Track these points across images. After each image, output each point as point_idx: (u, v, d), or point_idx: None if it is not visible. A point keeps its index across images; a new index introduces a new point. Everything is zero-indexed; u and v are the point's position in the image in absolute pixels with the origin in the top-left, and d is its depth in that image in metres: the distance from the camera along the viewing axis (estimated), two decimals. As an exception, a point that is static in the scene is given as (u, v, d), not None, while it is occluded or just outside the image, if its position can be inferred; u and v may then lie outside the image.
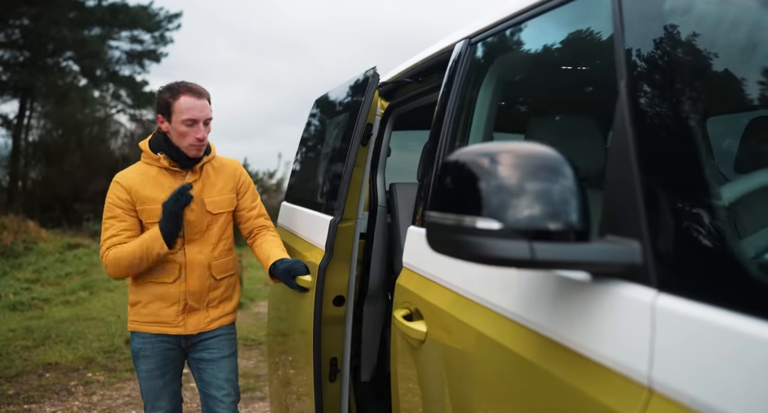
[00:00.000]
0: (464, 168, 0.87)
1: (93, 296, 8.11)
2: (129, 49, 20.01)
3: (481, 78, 1.61)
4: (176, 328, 2.21)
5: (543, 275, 0.98)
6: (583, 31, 1.29)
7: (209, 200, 2.24)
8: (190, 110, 2.11)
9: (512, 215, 0.80)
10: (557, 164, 0.82)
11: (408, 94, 2.34)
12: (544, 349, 0.94)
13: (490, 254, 0.82)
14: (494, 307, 1.13)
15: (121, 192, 2.15)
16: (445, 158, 0.91)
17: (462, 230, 0.85)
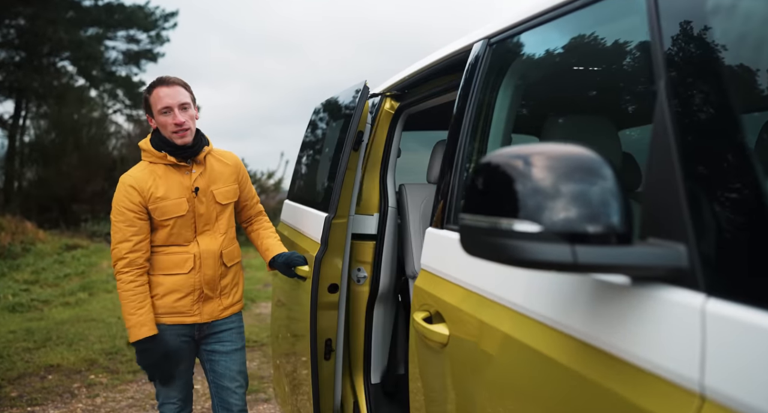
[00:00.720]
0: (500, 170, 0.86)
1: (92, 297, 8.07)
2: (125, 49, 19.92)
3: (500, 79, 1.59)
4: (192, 317, 2.27)
5: (578, 279, 0.97)
6: (612, 31, 1.28)
7: (218, 191, 2.31)
8: (162, 99, 2.17)
9: (552, 218, 0.79)
10: (596, 165, 0.81)
11: (419, 95, 2.33)
12: (581, 354, 0.93)
13: (530, 257, 0.80)
14: (524, 310, 1.12)
15: (133, 195, 2.16)
16: (480, 160, 0.90)
17: (499, 233, 0.84)
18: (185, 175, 2.25)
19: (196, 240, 2.26)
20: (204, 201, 2.26)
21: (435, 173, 2.60)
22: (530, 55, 1.54)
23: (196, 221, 2.26)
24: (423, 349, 1.55)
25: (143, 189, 2.17)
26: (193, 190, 2.24)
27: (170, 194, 2.20)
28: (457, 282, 1.42)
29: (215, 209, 2.30)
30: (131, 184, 2.18)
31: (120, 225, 2.16)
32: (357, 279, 2.54)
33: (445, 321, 1.44)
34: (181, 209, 2.21)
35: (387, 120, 2.55)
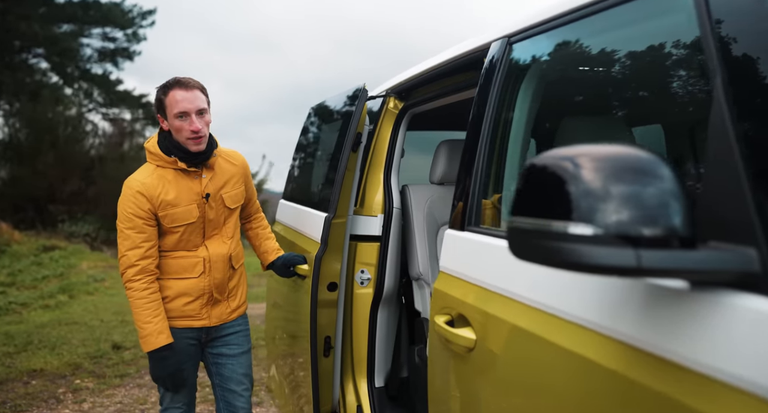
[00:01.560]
0: (553, 172, 0.83)
1: (73, 299, 7.90)
2: (101, 46, 19.56)
3: (521, 79, 1.58)
4: (201, 321, 2.23)
5: (627, 283, 0.95)
6: (642, 32, 1.27)
7: (227, 194, 2.26)
8: (180, 103, 2.08)
9: (612, 221, 0.77)
10: (655, 165, 0.79)
11: (427, 94, 2.30)
12: (634, 359, 0.91)
13: (590, 261, 0.78)
14: (565, 315, 1.10)
15: (142, 202, 2.08)
16: (532, 161, 0.87)
17: (553, 236, 0.82)
18: (195, 180, 2.18)
19: (204, 245, 2.22)
20: (214, 206, 2.21)
21: (439, 173, 2.58)
22: (554, 55, 1.53)
23: (205, 227, 2.21)
24: (445, 353, 1.52)
25: (152, 196, 2.09)
26: (203, 196, 2.18)
27: (181, 201, 2.13)
28: (483, 285, 1.40)
29: (224, 213, 2.26)
30: (139, 190, 2.09)
31: (128, 232, 2.09)
32: (360, 281, 2.51)
33: (470, 324, 1.42)
34: (191, 216, 2.15)
35: (391, 120, 2.52)
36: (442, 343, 1.54)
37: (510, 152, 1.57)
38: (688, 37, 1.10)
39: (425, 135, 3.26)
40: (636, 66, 1.37)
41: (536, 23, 1.51)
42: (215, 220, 2.23)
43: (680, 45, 1.17)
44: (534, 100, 1.57)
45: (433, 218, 2.56)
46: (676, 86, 1.30)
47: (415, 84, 2.32)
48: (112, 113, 19.38)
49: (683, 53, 1.18)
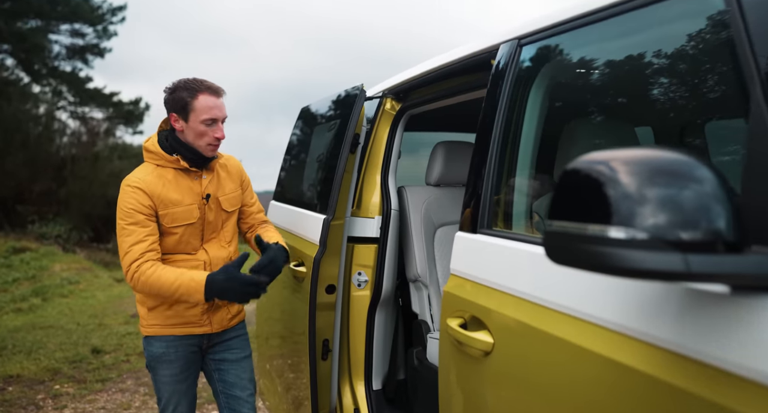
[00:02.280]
0: (594, 175, 0.83)
1: (46, 302, 7.72)
2: (70, 43, 19.13)
3: (532, 81, 1.58)
4: (202, 327, 2.17)
5: (663, 287, 0.96)
6: (659, 36, 1.28)
7: (224, 198, 2.23)
8: (212, 109, 2.05)
9: (659, 225, 0.77)
10: (698, 169, 0.79)
11: (425, 96, 2.29)
12: (678, 366, 0.91)
13: (637, 266, 0.78)
14: (594, 319, 1.10)
15: (143, 198, 2.03)
16: (570, 166, 0.87)
17: (598, 241, 0.81)
18: (195, 181, 2.14)
19: (203, 248, 2.17)
20: (213, 208, 2.18)
21: (436, 175, 2.58)
22: (565, 58, 1.53)
23: (204, 229, 2.16)
24: (458, 357, 1.52)
25: (153, 193, 2.04)
26: (204, 197, 2.14)
27: (181, 201, 2.09)
28: (501, 288, 1.39)
29: (221, 216, 2.22)
30: (139, 186, 2.04)
31: (131, 228, 2.01)
32: (358, 283, 2.49)
33: (487, 328, 1.41)
34: (192, 217, 2.11)
35: (387, 121, 2.51)
36: (454, 346, 1.53)
37: (522, 154, 1.57)
38: (708, 41, 1.11)
39: (412, 136, 3.25)
40: (649, 70, 1.38)
41: (549, 26, 1.51)
42: (214, 222, 2.19)
43: (697, 48, 1.19)
44: (546, 101, 1.58)
45: (430, 219, 2.55)
46: (691, 89, 1.31)
47: (415, 85, 2.31)
48: (81, 112, 18.97)
49: (699, 57, 1.19)
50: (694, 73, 1.31)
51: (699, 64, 1.23)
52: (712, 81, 1.32)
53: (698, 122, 1.62)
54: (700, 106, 1.37)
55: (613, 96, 1.53)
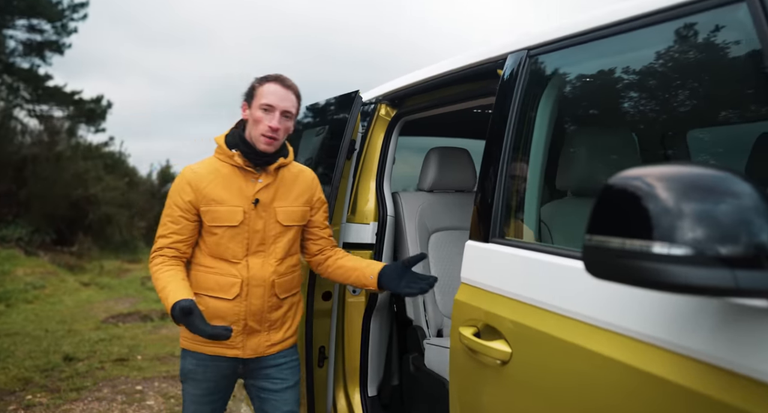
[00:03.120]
0: (637, 191, 0.85)
1: (10, 309, 7.47)
2: (27, 38, 18.52)
3: (541, 92, 1.60)
4: (234, 350, 2.01)
5: (698, 301, 0.98)
6: (671, 52, 1.31)
7: (282, 209, 2.05)
8: (270, 95, 1.96)
9: (705, 241, 0.78)
10: (737, 183, 0.81)
11: (423, 103, 2.30)
12: (715, 378, 0.93)
13: (686, 282, 0.79)
14: (623, 330, 1.11)
15: (186, 192, 1.97)
16: (611, 180, 0.88)
17: (641, 256, 0.83)
18: (249, 182, 2.00)
19: (246, 261, 2.00)
20: (263, 217, 2.01)
21: (430, 180, 2.59)
22: (577, 70, 1.56)
23: (249, 238, 1.99)
24: (473, 365, 1.53)
25: (198, 188, 1.97)
26: (252, 201, 1.99)
27: (226, 200, 1.97)
28: (518, 298, 1.41)
29: (275, 228, 2.03)
30: (188, 180, 1.98)
31: (165, 219, 2.00)
32: (353, 290, 2.49)
33: (503, 337, 1.43)
34: (234, 219, 1.97)
35: (382, 127, 2.51)
36: (467, 355, 1.54)
37: (533, 164, 1.59)
38: (720, 55, 1.15)
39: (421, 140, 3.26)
40: (658, 82, 1.42)
41: (559, 38, 1.53)
42: (263, 233, 2.01)
43: (708, 63, 1.22)
44: (557, 112, 1.60)
45: (424, 225, 2.56)
46: (704, 101, 1.35)
47: (412, 92, 2.31)
48: (40, 110, 18.39)
49: (707, 71, 1.23)
50: (704, 85, 1.35)
51: (708, 77, 1.27)
52: (722, 93, 1.36)
53: (706, 132, 1.67)
54: (708, 117, 1.42)
55: (620, 108, 1.56)
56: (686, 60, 1.33)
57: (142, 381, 4.62)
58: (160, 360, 5.18)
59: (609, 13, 1.39)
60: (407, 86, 2.32)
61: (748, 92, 1.28)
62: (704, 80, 1.37)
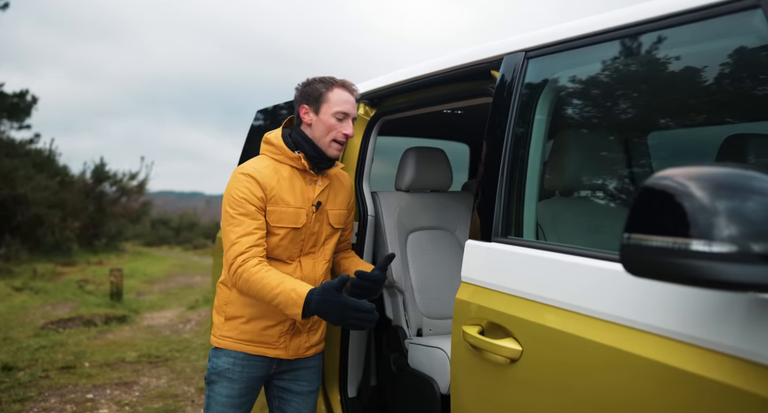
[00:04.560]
0: (679, 190, 0.87)
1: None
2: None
3: (539, 93, 1.63)
4: (276, 350, 2.01)
5: (728, 296, 1.02)
6: (668, 56, 1.36)
7: (333, 212, 2.09)
8: (344, 103, 1.98)
9: (740, 237, 0.82)
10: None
11: (405, 103, 2.30)
12: (746, 371, 0.97)
13: (725, 278, 0.83)
14: (643, 326, 1.15)
15: (255, 188, 1.90)
16: (650, 180, 0.91)
17: (680, 254, 0.86)
18: (309, 185, 2.02)
19: (299, 261, 2.02)
20: (320, 219, 2.04)
21: (407, 180, 2.59)
22: (575, 73, 1.60)
23: (305, 240, 2.01)
24: (479, 364, 1.53)
25: (266, 185, 1.92)
26: (314, 203, 2.01)
27: (292, 201, 1.96)
28: (527, 296, 1.42)
29: (326, 230, 2.07)
30: (253, 176, 1.91)
31: (241, 218, 1.88)
32: None
33: (512, 335, 1.44)
34: (299, 221, 1.97)
35: (361, 127, 2.50)
36: (471, 353, 1.55)
37: (532, 164, 1.61)
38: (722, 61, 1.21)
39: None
40: (669, 85, 1.47)
41: (558, 40, 1.56)
42: (317, 235, 2.04)
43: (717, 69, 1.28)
44: (556, 112, 1.64)
45: (403, 225, 2.56)
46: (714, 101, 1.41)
47: (394, 92, 2.31)
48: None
49: (712, 76, 1.28)
50: (701, 89, 1.41)
51: (706, 82, 1.33)
52: (722, 98, 1.43)
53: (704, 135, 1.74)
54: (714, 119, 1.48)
55: (620, 109, 1.61)
56: (685, 65, 1.39)
57: (92, 388, 4.42)
58: (110, 367, 4.97)
59: (611, 18, 1.44)
60: (389, 86, 2.31)
61: (748, 96, 1.35)
62: (700, 85, 1.43)
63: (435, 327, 2.50)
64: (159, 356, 5.28)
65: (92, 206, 14.92)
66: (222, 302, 2.05)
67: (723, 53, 1.28)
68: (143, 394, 4.32)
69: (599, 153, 1.72)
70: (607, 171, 1.90)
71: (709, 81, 1.38)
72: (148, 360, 5.15)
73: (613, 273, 1.22)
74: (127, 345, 5.75)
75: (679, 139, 1.86)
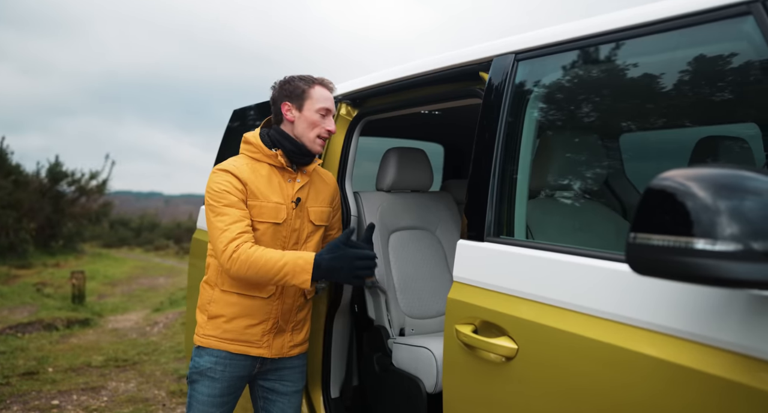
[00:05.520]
0: (680, 191, 0.91)
1: None
2: None
3: (529, 96, 1.66)
4: (259, 349, 2.02)
5: (726, 293, 1.06)
6: (659, 61, 1.40)
7: (313, 209, 2.10)
8: (326, 100, 2.03)
9: (742, 236, 0.85)
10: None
11: (389, 103, 2.30)
12: (748, 367, 1.01)
13: (732, 276, 0.86)
14: (634, 322, 1.18)
15: (235, 181, 1.92)
16: (655, 181, 0.94)
17: (686, 253, 0.89)
18: (288, 182, 2.03)
19: None
20: (300, 216, 2.04)
21: (389, 181, 2.60)
22: (565, 75, 1.63)
23: (287, 237, 2.01)
24: (473, 362, 1.55)
25: (246, 181, 1.94)
26: (293, 200, 2.02)
27: (271, 197, 1.97)
28: (524, 295, 1.44)
29: (307, 228, 2.07)
30: (230, 170, 1.94)
31: (226, 209, 1.88)
32: (316, 290, 2.45)
33: (506, 333, 1.46)
34: (279, 216, 1.97)
35: (343, 127, 2.49)
36: (464, 352, 1.57)
37: (522, 165, 1.64)
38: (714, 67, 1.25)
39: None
40: (653, 90, 1.51)
41: (549, 43, 1.59)
42: (298, 232, 2.05)
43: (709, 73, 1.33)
44: (546, 113, 1.66)
45: (385, 225, 2.57)
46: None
47: (378, 92, 2.31)
48: None
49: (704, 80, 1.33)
50: (691, 93, 1.46)
51: (695, 85, 1.37)
52: (712, 102, 1.47)
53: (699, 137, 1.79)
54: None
55: (609, 112, 1.65)
56: (675, 70, 1.43)
57: (57, 394, 4.29)
58: (76, 372, 4.83)
59: (602, 22, 1.47)
60: (373, 86, 2.31)
61: (735, 99, 1.40)
62: (689, 89, 1.47)
63: (417, 327, 2.51)
64: (127, 359, 5.15)
65: (49, 206, 14.46)
66: (205, 301, 2.05)
67: (714, 59, 1.32)
68: (112, 399, 4.21)
69: (588, 154, 1.76)
70: (594, 172, 1.94)
71: (697, 86, 1.43)
72: (116, 363, 5.03)
73: (613, 272, 1.25)
74: (93, 348, 5.60)
75: (668, 141, 1.91)
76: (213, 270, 2.03)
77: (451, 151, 3.77)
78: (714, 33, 1.25)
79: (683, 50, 1.38)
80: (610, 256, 1.28)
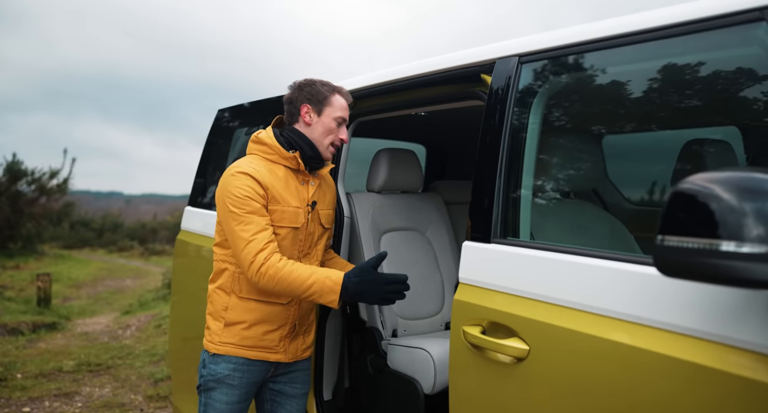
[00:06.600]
0: (709, 193, 0.93)
1: None
2: None
3: (533, 98, 1.67)
4: (277, 354, 2.00)
5: (747, 294, 1.09)
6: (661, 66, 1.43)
7: (323, 211, 2.08)
8: (345, 109, 2.03)
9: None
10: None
11: (382, 105, 2.29)
12: (761, 364, 1.04)
13: (759, 277, 0.89)
14: (650, 322, 1.20)
15: (256, 186, 1.86)
16: (683, 184, 0.96)
17: (717, 255, 0.92)
18: (302, 185, 2.00)
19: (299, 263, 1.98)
20: (314, 219, 2.02)
21: (380, 181, 2.59)
22: (568, 79, 1.65)
23: (303, 240, 1.99)
24: (481, 363, 1.56)
25: (266, 184, 1.88)
26: (309, 203, 2.00)
27: (290, 201, 1.94)
28: (535, 297, 1.46)
29: (318, 230, 2.06)
30: (251, 174, 1.87)
31: (250, 216, 1.83)
32: None
33: (516, 334, 1.48)
34: (298, 220, 1.95)
35: (336, 127, 2.47)
36: (472, 353, 1.58)
37: (527, 167, 1.65)
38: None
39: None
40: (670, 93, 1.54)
41: (553, 47, 1.61)
42: (313, 235, 2.03)
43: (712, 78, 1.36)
44: (551, 116, 1.68)
45: (377, 226, 2.56)
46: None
47: (372, 93, 2.30)
48: None
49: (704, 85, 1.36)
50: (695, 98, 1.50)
51: (700, 90, 1.41)
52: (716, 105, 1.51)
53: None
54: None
55: (613, 116, 1.68)
56: (683, 75, 1.47)
57: (28, 401, 4.16)
58: (47, 377, 4.69)
59: (609, 26, 1.49)
60: (368, 87, 2.30)
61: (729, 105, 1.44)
62: (698, 93, 1.51)
63: (409, 328, 2.51)
64: (100, 364, 5.02)
65: (7, 206, 13.99)
66: (220, 308, 1.99)
67: (724, 64, 1.35)
68: (86, 405, 4.10)
69: (591, 156, 1.79)
70: (599, 174, 1.97)
71: (707, 89, 1.46)
72: (88, 368, 4.90)
73: (626, 273, 1.27)
74: (63, 353, 5.44)
75: (673, 143, 1.95)
76: (229, 276, 1.98)
77: (434, 152, 3.78)
78: (726, 39, 1.28)
79: (694, 55, 1.41)
80: (622, 257, 1.31)
